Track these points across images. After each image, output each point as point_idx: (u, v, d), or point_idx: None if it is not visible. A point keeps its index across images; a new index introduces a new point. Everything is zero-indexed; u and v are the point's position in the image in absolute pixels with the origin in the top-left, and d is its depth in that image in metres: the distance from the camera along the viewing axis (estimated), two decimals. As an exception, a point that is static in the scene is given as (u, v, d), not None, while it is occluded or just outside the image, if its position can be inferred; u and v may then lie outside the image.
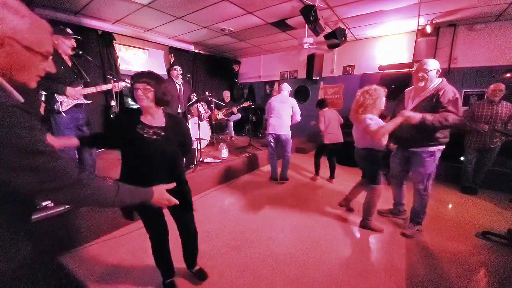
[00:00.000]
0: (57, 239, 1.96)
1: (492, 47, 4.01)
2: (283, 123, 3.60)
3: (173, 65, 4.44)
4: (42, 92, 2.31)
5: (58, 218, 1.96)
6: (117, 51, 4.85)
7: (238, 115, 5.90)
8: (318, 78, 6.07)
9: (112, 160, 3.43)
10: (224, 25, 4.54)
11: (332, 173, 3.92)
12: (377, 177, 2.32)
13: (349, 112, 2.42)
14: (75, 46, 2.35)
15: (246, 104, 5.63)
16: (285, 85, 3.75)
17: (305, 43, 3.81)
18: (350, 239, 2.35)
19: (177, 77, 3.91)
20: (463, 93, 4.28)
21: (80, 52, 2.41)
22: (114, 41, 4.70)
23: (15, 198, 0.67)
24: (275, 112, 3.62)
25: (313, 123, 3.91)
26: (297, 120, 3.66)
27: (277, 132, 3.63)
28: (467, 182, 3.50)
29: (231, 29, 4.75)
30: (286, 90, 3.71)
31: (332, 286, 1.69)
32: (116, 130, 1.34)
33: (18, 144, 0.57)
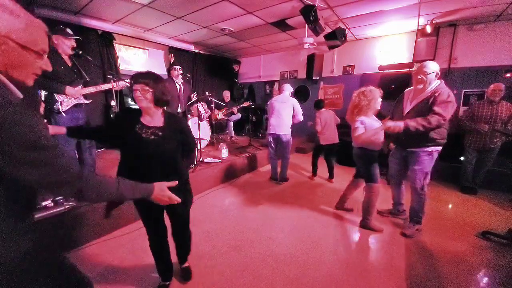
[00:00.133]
0: (57, 239, 1.96)
1: (492, 47, 4.01)
2: (283, 123, 3.59)
3: (173, 65, 4.45)
4: (42, 92, 2.31)
5: (58, 218, 1.96)
6: (117, 51, 4.85)
7: (238, 115, 5.91)
8: (318, 78, 6.07)
9: (112, 160, 3.43)
10: (224, 25, 4.53)
11: (331, 173, 3.93)
12: (373, 176, 2.34)
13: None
14: (75, 46, 2.35)
15: (246, 104, 5.63)
16: (287, 86, 3.76)
17: (305, 43, 3.81)
18: (350, 239, 2.35)
19: (177, 77, 3.92)
20: (463, 93, 4.28)
21: (80, 52, 2.41)
22: (114, 41, 4.70)
23: (18, 192, 0.69)
24: (276, 112, 3.63)
25: (310, 124, 3.95)
26: (300, 120, 3.66)
27: (278, 133, 3.63)
28: (467, 182, 3.50)
29: (231, 29, 4.75)
30: (288, 91, 3.71)
31: (332, 286, 1.69)
32: (116, 130, 1.34)
33: (22, 140, 0.59)
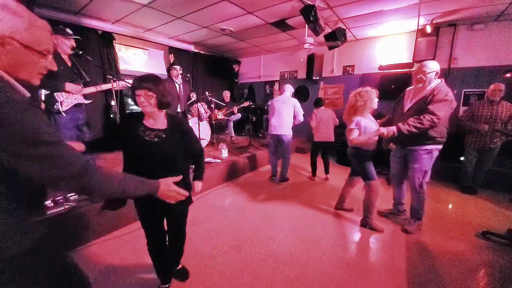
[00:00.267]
0: (58, 239, 1.95)
1: (492, 47, 4.01)
2: (284, 123, 3.59)
3: (173, 65, 4.45)
4: (42, 92, 2.30)
5: (58, 218, 1.97)
6: (117, 51, 4.85)
7: (238, 115, 5.90)
8: (318, 78, 6.07)
9: (112, 160, 3.42)
10: (224, 25, 4.53)
11: (327, 169, 3.97)
12: (369, 173, 2.36)
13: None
14: (75, 46, 2.35)
15: (246, 104, 5.63)
16: (288, 86, 3.76)
17: (305, 43, 3.81)
18: (351, 239, 2.35)
19: (177, 76, 3.92)
20: (463, 93, 4.28)
21: (80, 52, 2.41)
22: (114, 41, 4.70)
23: (20, 190, 0.71)
24: (276, 113, 3.63)
25: (308, 119, 3.99)
26: (300, 120, 3.68)
27: (278, 133, 3.63)
28: (467, 182, 3.50)
29: (231, 29, 4.75)
30: (289, 91, 3.72)
31: (332, 286, 1.69)
32: (120, 133, 1.37)
33: (28, 136, 0.61)
